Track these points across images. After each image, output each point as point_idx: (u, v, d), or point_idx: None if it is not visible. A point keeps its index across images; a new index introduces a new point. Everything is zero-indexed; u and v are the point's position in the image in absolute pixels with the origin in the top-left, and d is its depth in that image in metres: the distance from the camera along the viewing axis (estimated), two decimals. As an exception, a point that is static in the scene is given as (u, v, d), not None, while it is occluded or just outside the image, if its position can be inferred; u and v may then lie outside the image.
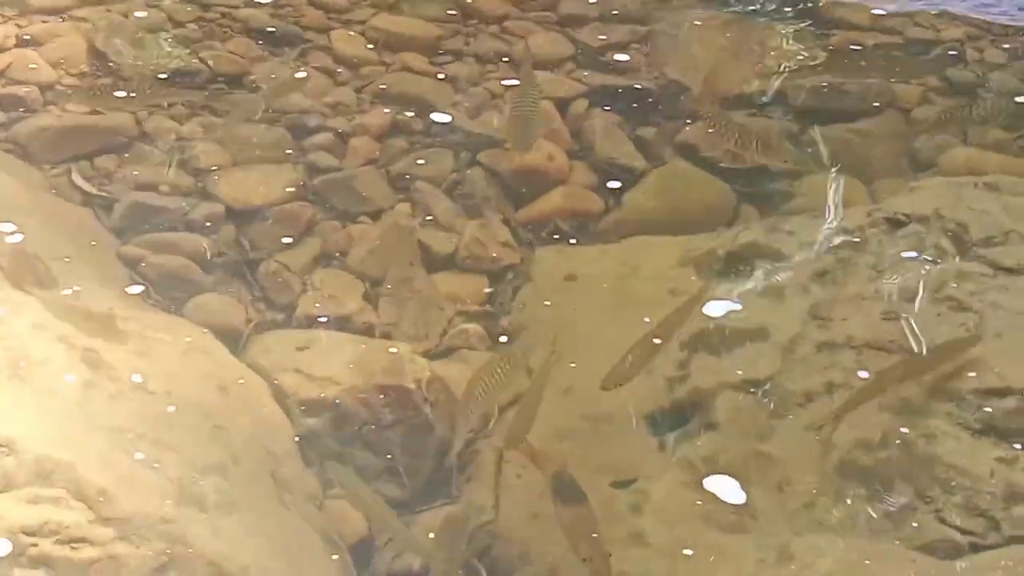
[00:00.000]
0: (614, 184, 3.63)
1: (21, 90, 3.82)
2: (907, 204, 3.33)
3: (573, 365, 3.05)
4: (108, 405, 2.71)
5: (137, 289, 3.19)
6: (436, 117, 3.83)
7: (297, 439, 2.87)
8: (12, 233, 3.20)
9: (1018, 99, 4.01)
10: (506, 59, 4.12)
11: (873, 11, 4.42)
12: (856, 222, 3.34)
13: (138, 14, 4.21)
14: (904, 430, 2.72)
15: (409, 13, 4.31)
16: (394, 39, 4.16)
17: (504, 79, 4.01)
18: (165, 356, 2.92)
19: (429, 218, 3.47)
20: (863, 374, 2.86)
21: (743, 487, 2.74)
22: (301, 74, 3.96)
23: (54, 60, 3.95)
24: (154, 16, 4.22)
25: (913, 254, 3.16)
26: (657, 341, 2.89)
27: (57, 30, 4.09)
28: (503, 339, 3.17)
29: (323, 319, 3.16)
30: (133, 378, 2.80)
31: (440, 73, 4.03)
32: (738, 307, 3.12)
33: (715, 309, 3.12)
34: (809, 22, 4.37)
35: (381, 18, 4.27)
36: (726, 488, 2.74)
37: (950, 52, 4.24)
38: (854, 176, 3.66)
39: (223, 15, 4.25)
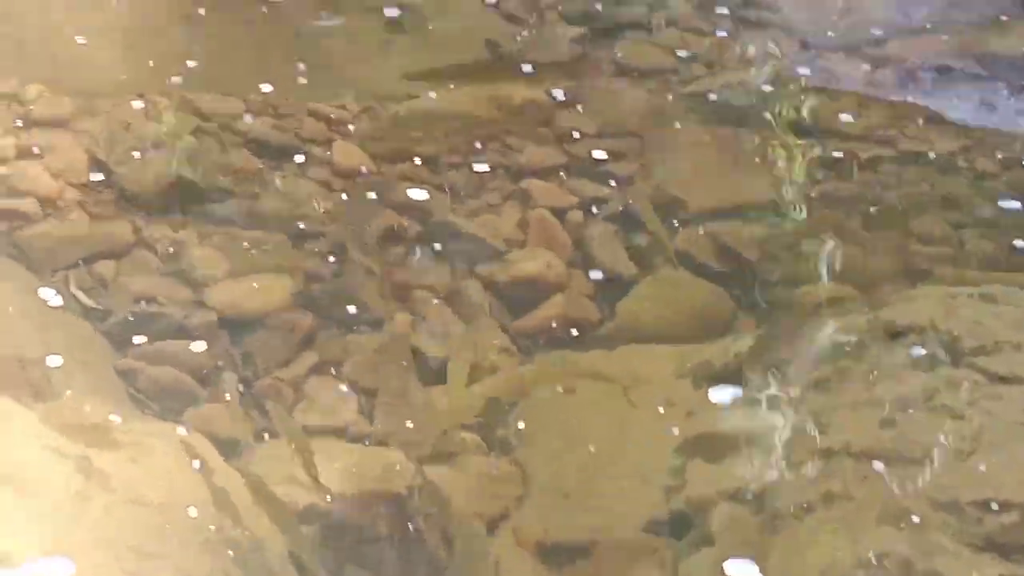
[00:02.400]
0: (610, 292, 3.64)
1: (22, 200, 3.84)
2: (903, 313, 3.35)
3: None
4: (102, 516, 2.69)
5: (132, 399, 3.20)
6: (434, 225, 3.86)
7: (291, 551, 2.85)
8: (6, 342, 3.20)
9: (1003, 204, 4.05)
10: (504, 170, 4.16)
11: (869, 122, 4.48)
12: (853, 331, 3.35)
13: (138, 126, 4.25)
14: (903, 546, 2.71)
15: (409, 127, 4.35)
16: (393, 151, 4.20)
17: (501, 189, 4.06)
18: (160, 466, 2.90)
19: (426, 327, 3.48)
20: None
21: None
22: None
23: (55, 170, 3.97)
24: (154, 127, 4.25)
25: (909, 363, 3.17)
26: None
27: (58, 141, 4.12)
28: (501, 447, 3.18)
29: (318, 428, 3.16)
30: (127, 488, 2.79)
31: (437, 181, 4.06)
32: (734, 414, 3.13)
33: (711, 417, 3.13)
34: (805, 134, 4.41)
35: (383, 131, 4.31)
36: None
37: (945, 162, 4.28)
38: (851, 285, 3.68)
39: (222, 127, 4.28)
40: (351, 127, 4.31)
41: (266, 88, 4.48)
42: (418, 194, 3.98)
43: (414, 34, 4.99)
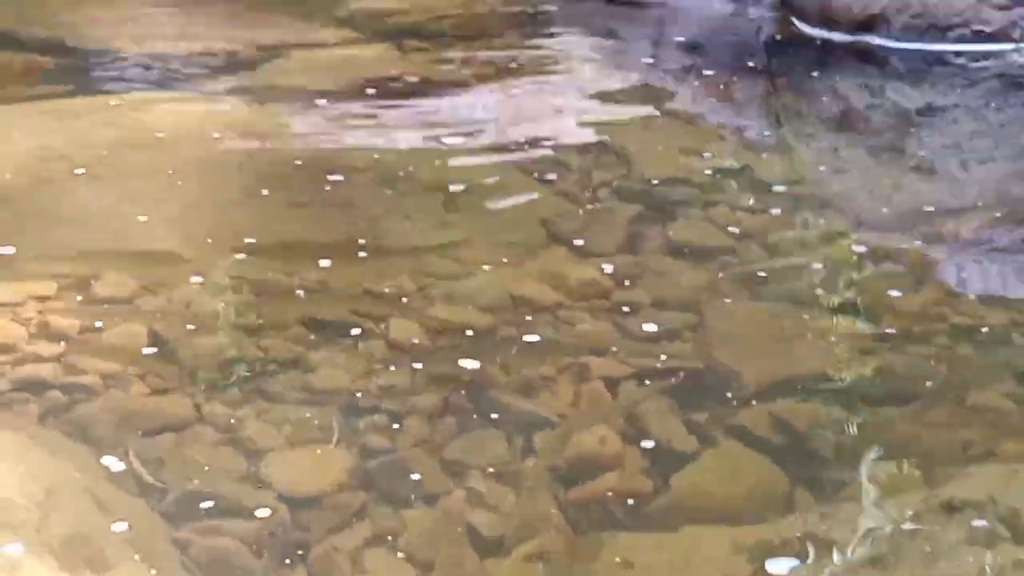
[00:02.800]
0: (665, 466, 3.62)
1: (83, 377, 3.90)
2: (961, 489, 3.32)
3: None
4: None
5: (188, 571, 3.20)
6: (488, 399, 3.87)
7: None
8: (66, 518, 3.23)
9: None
10: (558, 344, 4.19)
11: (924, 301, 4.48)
12: (910, 509, 3.33)
13: (197, 303, 4.32)
14: None
15: (464, 303, 4.39)
16: (448, 326, 4.24)
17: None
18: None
19: (481, 501, 3.48)
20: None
21: None
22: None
23: (115, 347, 4.04)
24: (214, 306, 4.32)
25: (967, 539, 3.14)
26: None
27: (119, 318, 4.19)
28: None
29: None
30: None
31: (492, 356, 4.09)
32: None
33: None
34: (858, 311, 4.42)
35: (438, 307, 4.36)
36: None
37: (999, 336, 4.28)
38: (907, 460, 3.65)
39: (280, 303, 4.35)
40: (406, 303, 4.36)
41: (324, 264, 4.55)
42: (472, 368, 4.01)
43: (469, 212, 5.08)
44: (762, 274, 4.63)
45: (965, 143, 5.87)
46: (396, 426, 3.74)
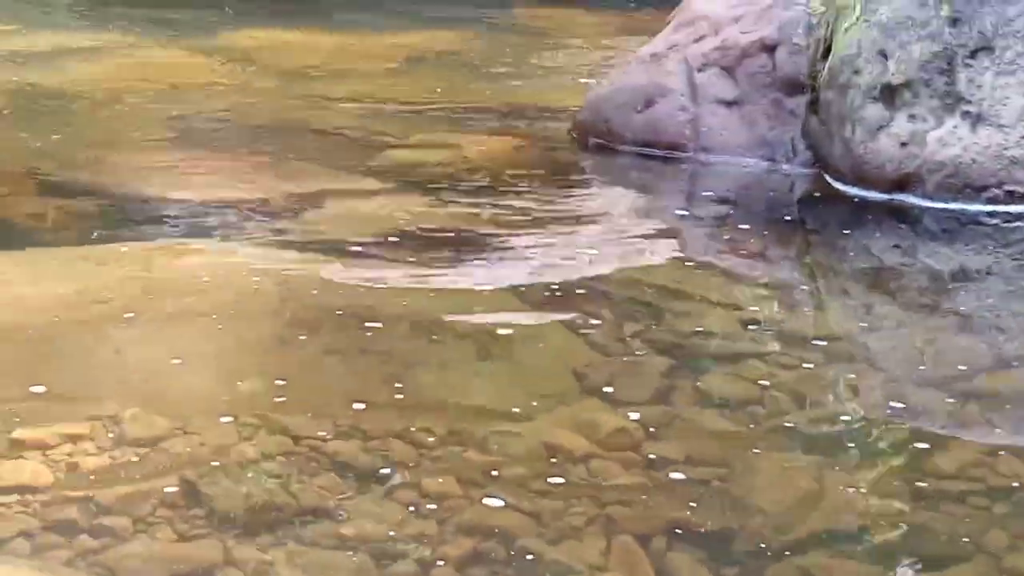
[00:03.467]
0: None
1: (113, 519, 3.89)
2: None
3: None
4: None
5: None
6: (518, 549, 3.85)
7: None
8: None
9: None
10: (588, 495, 4.17)
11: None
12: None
13: (228, 445, 4.32)
14: None
15: (495, 451, 4.39)
16: (480, 476, 4.23)
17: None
18: None
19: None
20: None
21: None
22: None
23: (145, 490, 4.04)
24: (245, 450, 4.32)
25: None
26: None
27: (149, 459, 4.20)
28: None
29: None
30: None
31: (523, 507, 4.07)
32: None
33: None
34: (892, 467, 4.39)
35: (469, 455, 4.34)
36: None
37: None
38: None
39: (311, 448, 4.35)
40: (438, 450, 4.35)
41: (357, 409, 4.56)
42: (503, 516, 3.99)
43: (502, 360, 5.09)
44: (794, 427, 4.61)
45: (999, 303, 5.87)
46: (426, 574, 3.71)
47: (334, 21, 11.78)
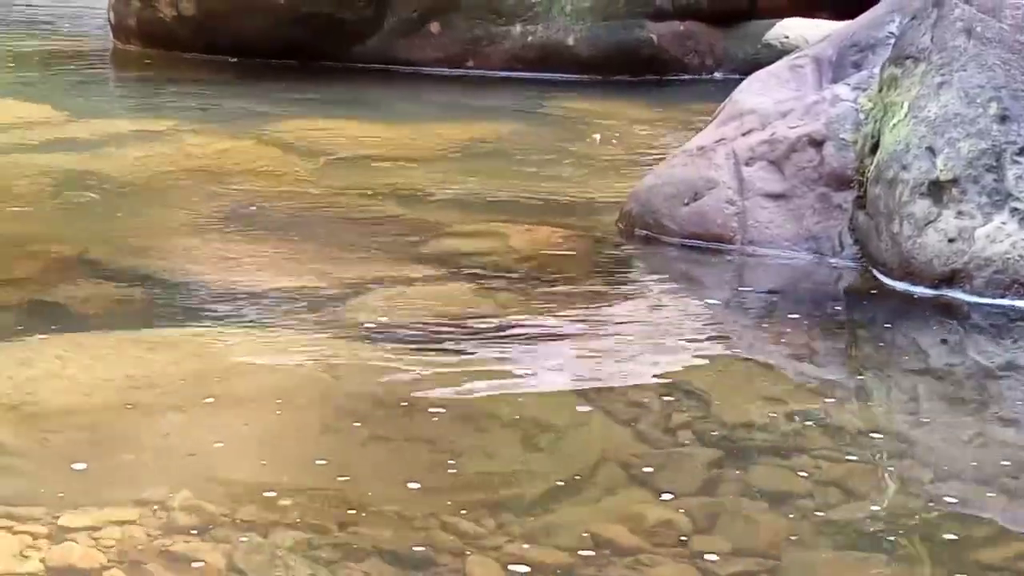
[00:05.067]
0: None
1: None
2: None
3: None
4: None
5: None
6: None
7: None
8: None
9: None
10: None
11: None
12: None
13: (276, 533, 4.33)
14: None
15: (543, 542, 4.37)
16: (528, 565, 4.21)
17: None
18: None
19: None
20: None
21: None
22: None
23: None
24: (293, 537, 4.32)
25: None
26: None
27: (199, 548, 4.20)
28: None
29: None
30: None
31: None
32: None
33: None
34: (942, 564, 4.35)
35: (516, 545, 4.34)
36: None
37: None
38: None
39: (357, 537, 4.35)
40: (485, 540, 4.34)
41: (403, 497, 4.57)
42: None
43: (549, 451, 5.10)
44: (842, 522, 4.58)
45: (1047, 398, 5.85)
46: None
47: (380, 111, 11.90)
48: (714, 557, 4.32)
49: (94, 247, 7.45)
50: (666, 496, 4.73)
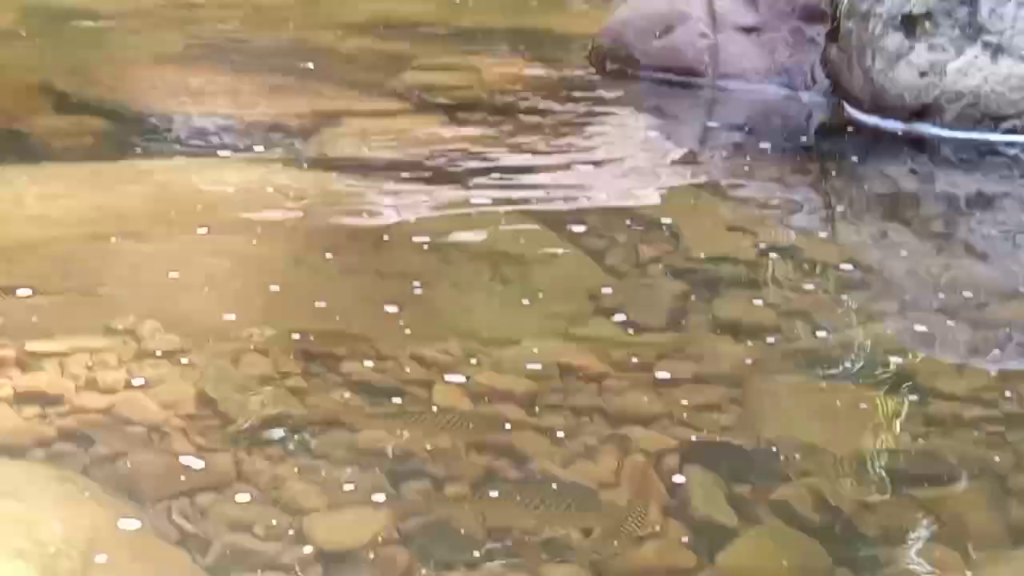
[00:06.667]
0: (707, 542, 3.60)
1: (128, 429, 3.93)
2: (1004, 574, 3.30)
3: None
4: None
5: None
6: (531, 468, 3.87)
7: None
8: (107, 569, 3.24)
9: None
10: (602, 415, 4.19)
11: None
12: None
13: (245, 363, 4.34)
14: None
15: (509, 370, 4.40)
16: (493, 393, 4.25)
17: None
18: None
19: (522, 567, 3.47)
20: None
21: None
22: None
23: (162, 402, 4.06)
24: (261, 366, 4.34)
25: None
26: None
27: (167, 374, 4.23)
28: None
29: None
30: None
31: (536, 424, 4.09)
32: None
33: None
34: (906, 393, 4.40)
35: (484, 374, 4.36)
36: None
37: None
38: (950, 544, 3.63)
39: (327, 368, 4.37)
40: (454, 372, 4.37)
41: (371, 328, 4.58)
42: (516, 436, 4.02)
43: (517, 281, 5.10)
44: (808, 352, 4.62)
45: (1015, 231, 5.86)
46: (439, 490, 3.74)
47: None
48: (679, 386, 4.36)
49: (58, 77, 7.35)
50: (633, 327, 4.76)
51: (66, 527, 3.36)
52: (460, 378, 4.32)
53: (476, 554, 3.50)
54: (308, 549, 3.46)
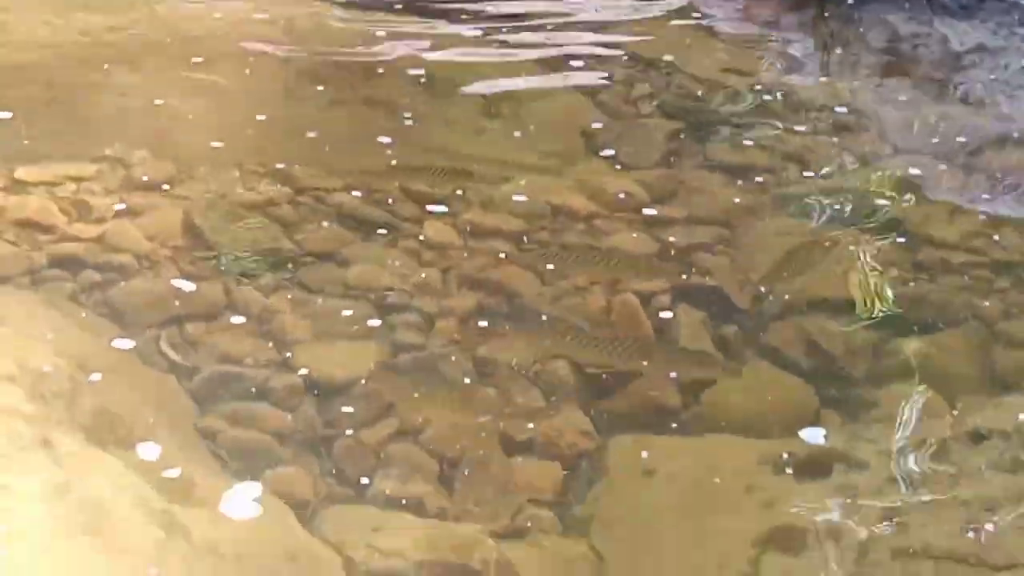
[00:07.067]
0: (695, 381, 3.62)
1: (117, 257, 3.92)
2: (989, 419, 3.33)
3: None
4: (179, 567, 2.71)
5: (214, 457, 3.22)
6: (520, 304, 3.87)
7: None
8: (96, 394, 3.25)
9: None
10: (592, 254, 4.18)
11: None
12: (938, 434, 3.33)
13: (234, 193, 4.32)
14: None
15: (500, 208, 4.38)
16: (483, 230, 4.24)
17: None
18: (238, 523, 2.93)
19: (509, 402, 3.48)
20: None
21: None
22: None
23: (151, 232, 4.05)
24: (250, 196, 4.32)
25: (993, 467, 3.15)
26: None
27: (156, 203, 4.20)
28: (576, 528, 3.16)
29: (396, 496, 3.16)
30: (205, 543, 2.81)
31: (526, 262, 4.09)
32: (814, 510, 3.11)
33: (790, 511, 3.12)
34: (896, 237, 4.39)
35: (474, 212, 4.35)
36: None
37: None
38: (936, 388, 3.65)
39: (316, 199, 4.34)
40: (443, 206, 4.35)
41: (362, 164, 4.55)
42: (506, 273, 4.01)
43: (509, 119, 5.06)
44: (799, 195, 4.61)
45: (1012, 79, 5.81)
46: (428, 325, 3.75)
47: None
48: (669, 226, 4.35)
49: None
50: (625, 166, 4.74)
51: (56, 352, 3.36)
52: (450, 214, 4.30)
53: (466, 382, 3.52)
54: (297, 380, 3.47)
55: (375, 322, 3.72)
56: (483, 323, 3.78)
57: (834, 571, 2.93)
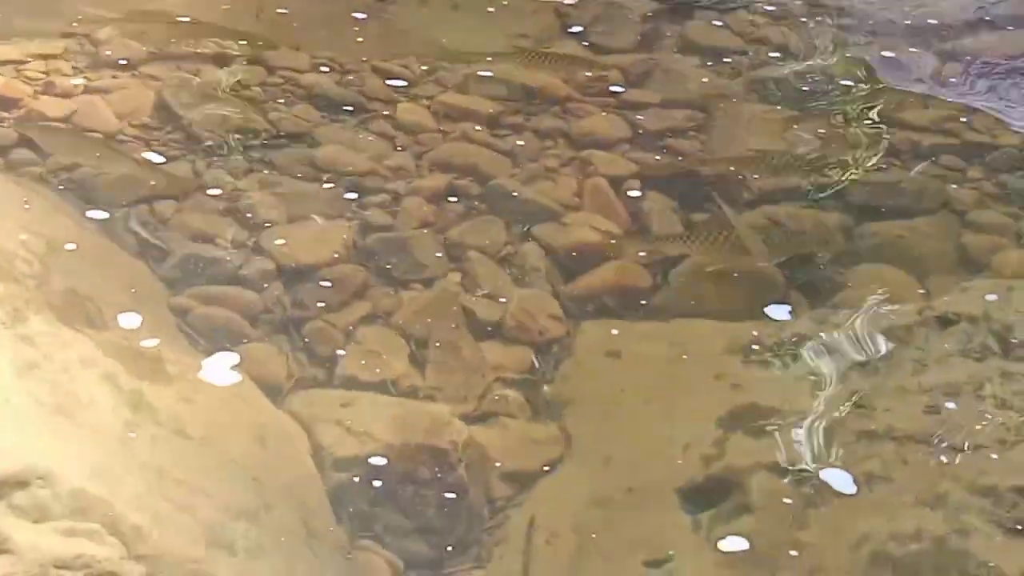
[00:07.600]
0: (664, 264, 3.63)
1: (87, 136, 3.89)
2: (957, 303, 3.34)
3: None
4: (148, 446, 2.72)
5: (184, 336, 3.22)
6: (492, 187, 3.87)
7: (329, 492, 2.87)
8: (66, 273, 3.24)
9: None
10: (564, 137, 4.17)
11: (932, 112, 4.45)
12: (905, 319, 3.35)
13: (206, 73, 4.29)
14: (938, 525, 2.72)
15: (472, 90, 4.36)
16: (456, 112, 4.21)
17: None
18: (207, 403, 2.94)
19: (479, 285, 3.49)
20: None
21: (774, 573, 2.72)
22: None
23: (121, 111, 4.02)
24: (222, 76, 4.28)
25: (959, 351, 3.17)
26: None
27: (126, 82, 4.17)
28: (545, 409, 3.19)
29: (366, 377, 3.17)
30: (173, 422, 2.82)
31: (498, 145, 4.07)
32: (780, 390, 3.14)
33: (755, 390, 3.14)
34: (869, 122, 4.38)
35: (447, 93, 4.32)
36: (758, 573, 2.73)
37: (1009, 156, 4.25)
38: (906, 272, 3.66)
39: (288, 80, 4.31)
40: (415, 86, 4.32)
41: (334, 41, 4.51)
42: (478, 155, 4.00)
43: (484, 2, 5.00)
44: (774, 79, 4.59)
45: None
46: (398, 206, 3.74)
47: None
48: (643, 110, 4.33)
49: None
50: (600, 48, 4.70)
51: (25, 232, 3.34)
52: (423, 95, 4.28)
53: (436, 271, 3.52)
54: (267, 262, 3.46)
55: (346, 204, 3.71)
56: (454, 205, 3.77)
57: (798, 451, 2.96)
